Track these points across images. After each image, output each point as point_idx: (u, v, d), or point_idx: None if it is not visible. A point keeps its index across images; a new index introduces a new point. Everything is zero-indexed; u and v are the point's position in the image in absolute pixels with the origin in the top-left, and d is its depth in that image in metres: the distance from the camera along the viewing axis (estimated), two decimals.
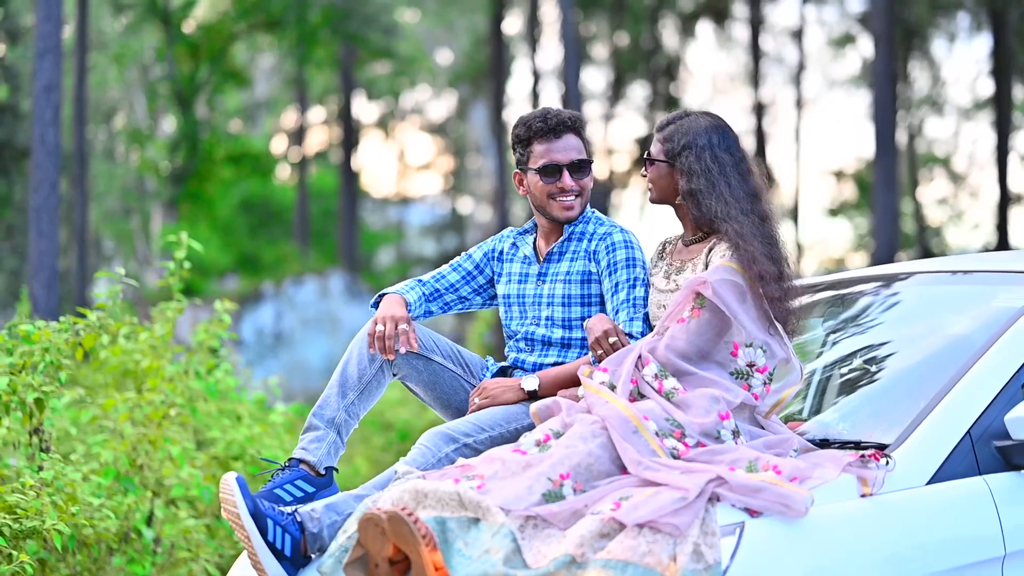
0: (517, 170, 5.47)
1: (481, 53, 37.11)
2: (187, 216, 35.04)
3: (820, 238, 38.38)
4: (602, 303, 5.34)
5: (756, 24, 32.92)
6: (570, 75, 25.60)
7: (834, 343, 5.60)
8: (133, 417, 7.33)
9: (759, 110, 32.21)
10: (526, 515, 4.30)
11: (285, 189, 35.44)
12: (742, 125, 36.64)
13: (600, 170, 31.59)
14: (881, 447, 4.61)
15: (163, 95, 34.96)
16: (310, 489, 5.11)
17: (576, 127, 5.38)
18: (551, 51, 37.42)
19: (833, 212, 36.48)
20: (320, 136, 40.49)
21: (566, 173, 5.34)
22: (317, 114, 42.09)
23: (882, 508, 4.39)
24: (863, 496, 4.40)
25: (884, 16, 21.01)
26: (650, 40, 34.50)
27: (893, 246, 21.49)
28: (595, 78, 36.73)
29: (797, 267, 5.00)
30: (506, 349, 5.57)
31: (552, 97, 38.06)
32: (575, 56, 25.87)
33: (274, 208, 34.68)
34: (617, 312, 5.22)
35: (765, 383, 4.82)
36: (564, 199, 5.36)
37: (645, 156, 5.18)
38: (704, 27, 34.84)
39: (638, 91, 35.65)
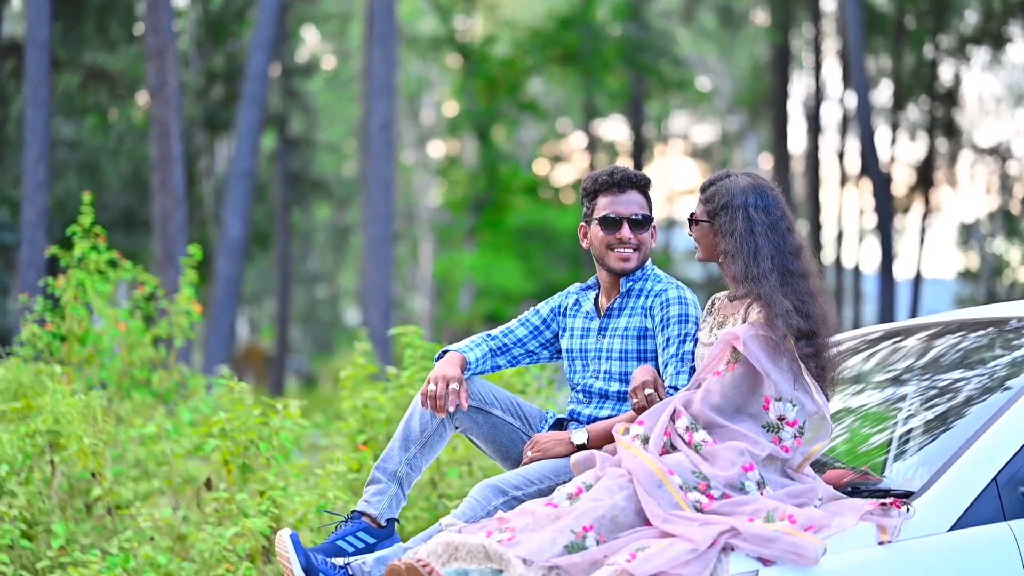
0: (583, 223, 5.64)
1: (760, 80, 36.88)
2: (484, 245, 35.87)
3: None
4: (657, 358, 5.45)
5: None
6: (861, 100, 25.46)
7: (894, 391, 5.66)
8: None
9: None
10: (548, 566, 4.49)
11: (561, 214, 35.82)
12: (1017, 149, 35.51)
13: (882, 193, 30.91)
14: (907, 495, 4.67)
15: (462, 126, 36.20)
16: (371, 540, 5.27)
17: (641, 185, 5.55)
18: (828, 75, 37.04)
19: None
20: (582, 162, 40.76)
21: (626, 225, 5.49)
22: (580, 139, 42.58)
23: (900, 555, 4.45)
24: (881, 543, 4.47)
25: None
26: (928, 65, 33.78)
27: None
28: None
29: (836, 324, 5.06)
30: (568, 402, 5.72)
31: (834, 120, 37.65)
32: (863, 81, 25.73)
33: (550, 233, 35.05)
34: (666, 365, 5.34)
35: (795, 436, 4.88)
36: (622, 250, 5.50)
37: (689, 216, 5.31)
38: (977, 50, 33.87)
39: (911, 114, 34.88)
